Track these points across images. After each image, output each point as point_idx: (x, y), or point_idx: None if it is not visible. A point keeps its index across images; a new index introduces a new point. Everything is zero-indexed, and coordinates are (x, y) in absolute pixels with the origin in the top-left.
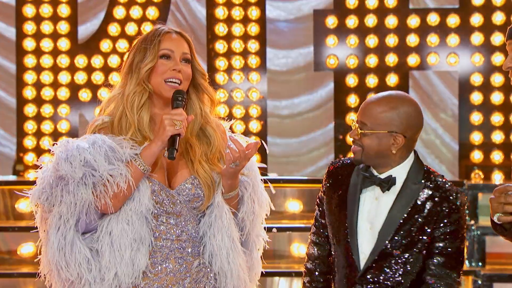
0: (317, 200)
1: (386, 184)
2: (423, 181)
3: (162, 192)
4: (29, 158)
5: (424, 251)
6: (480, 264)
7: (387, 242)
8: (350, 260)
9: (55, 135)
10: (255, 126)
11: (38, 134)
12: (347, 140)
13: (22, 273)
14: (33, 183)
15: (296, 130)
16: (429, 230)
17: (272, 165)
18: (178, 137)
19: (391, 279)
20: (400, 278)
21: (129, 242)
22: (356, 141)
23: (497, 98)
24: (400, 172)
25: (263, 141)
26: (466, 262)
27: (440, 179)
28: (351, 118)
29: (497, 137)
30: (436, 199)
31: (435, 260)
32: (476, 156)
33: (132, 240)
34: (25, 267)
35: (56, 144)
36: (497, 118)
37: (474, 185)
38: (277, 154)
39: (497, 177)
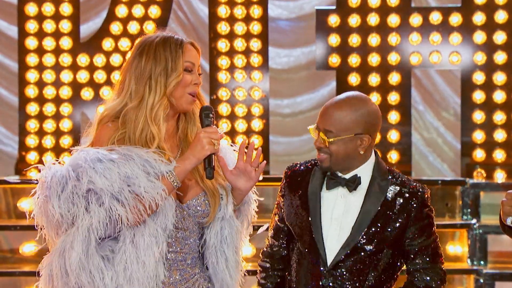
0: (276, 204)
1: (353, 183)
2: (389, 177)
3: (177, 208)
4: (31, 157)
5: (394, 248)
6: (482, 262)
7: (360, 237)
8: (316, 256)
9: (57, 133)
10: (257, 124)
11: (40, 133)
12: None
13: (24, 271)
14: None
15: (298, 128)
16: (398, 225)
17: (273, 163)
18: (213, 156)
19: (359, 273)
20: (368, 272)
21: (153, 256)
22: (322, 149)
23: (499, 96)
24: (364, 170)
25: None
26: (468, 260)
27: (403, 176)
28: (310, 127)
29: (499, 135)
30: (406, 195)
31: (418, 256)
32: (478, 154)
33: (157, 254)
34: (27, 266)
35: (75, 150)
36: (499, 117)
37: (476, 184)
38: (279, 153)
39: (499, 176)
